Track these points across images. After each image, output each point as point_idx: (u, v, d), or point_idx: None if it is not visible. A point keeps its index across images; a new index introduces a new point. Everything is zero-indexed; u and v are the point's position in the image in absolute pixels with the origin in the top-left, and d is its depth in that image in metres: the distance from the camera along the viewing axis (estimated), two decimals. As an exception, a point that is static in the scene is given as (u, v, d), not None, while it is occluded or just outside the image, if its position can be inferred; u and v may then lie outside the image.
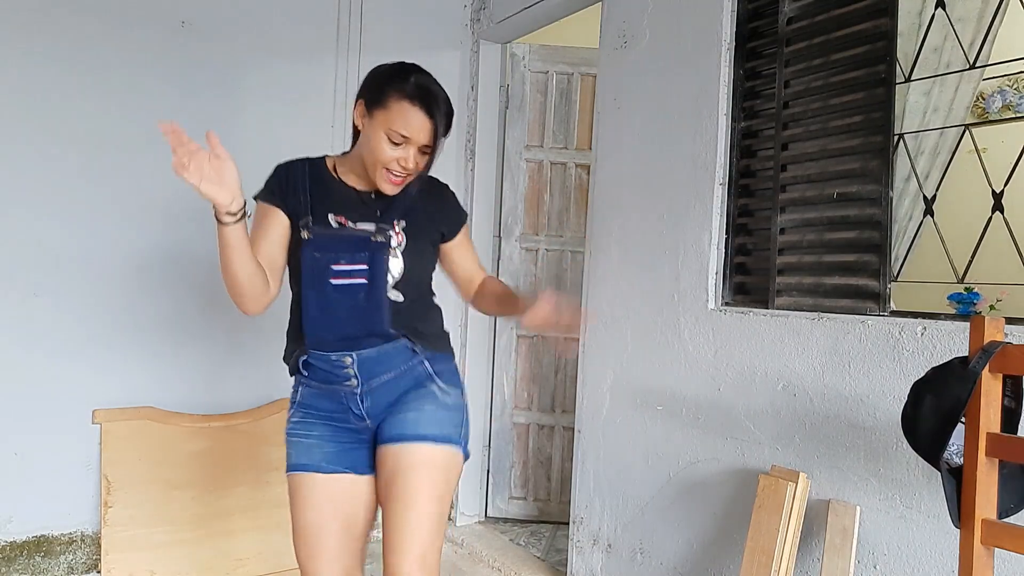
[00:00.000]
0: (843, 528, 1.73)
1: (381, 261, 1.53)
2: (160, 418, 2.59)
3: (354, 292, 1.52)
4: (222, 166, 1.31)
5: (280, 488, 2.71)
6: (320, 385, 1.59)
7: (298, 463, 1.57)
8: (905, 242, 2.34)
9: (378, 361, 1.56)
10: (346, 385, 1.56)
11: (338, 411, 1.58)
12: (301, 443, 1.58)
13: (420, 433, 1.53)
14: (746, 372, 2.00)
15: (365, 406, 1.57)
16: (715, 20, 2.14)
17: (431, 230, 1.65)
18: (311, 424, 1.58)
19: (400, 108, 1.47)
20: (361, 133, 1.56)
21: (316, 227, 1.53)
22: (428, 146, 1.52)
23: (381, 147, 1.49)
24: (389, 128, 1.48)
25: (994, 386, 1.23)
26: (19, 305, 2.41)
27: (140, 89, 2.57)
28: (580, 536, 2.55)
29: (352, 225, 1.55)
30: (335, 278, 1.51)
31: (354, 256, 1.52)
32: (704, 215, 2.15)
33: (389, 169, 1.50)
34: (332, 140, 2.91)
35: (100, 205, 2.52)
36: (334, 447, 1.57)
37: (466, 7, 3.24)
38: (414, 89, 1.48)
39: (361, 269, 1.52)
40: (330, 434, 1.57)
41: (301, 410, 1.60)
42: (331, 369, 1.56)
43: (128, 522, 2.47)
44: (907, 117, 2.38)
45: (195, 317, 2.69)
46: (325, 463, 1.55)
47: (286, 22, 2.83)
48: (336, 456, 1.56)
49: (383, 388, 1.57)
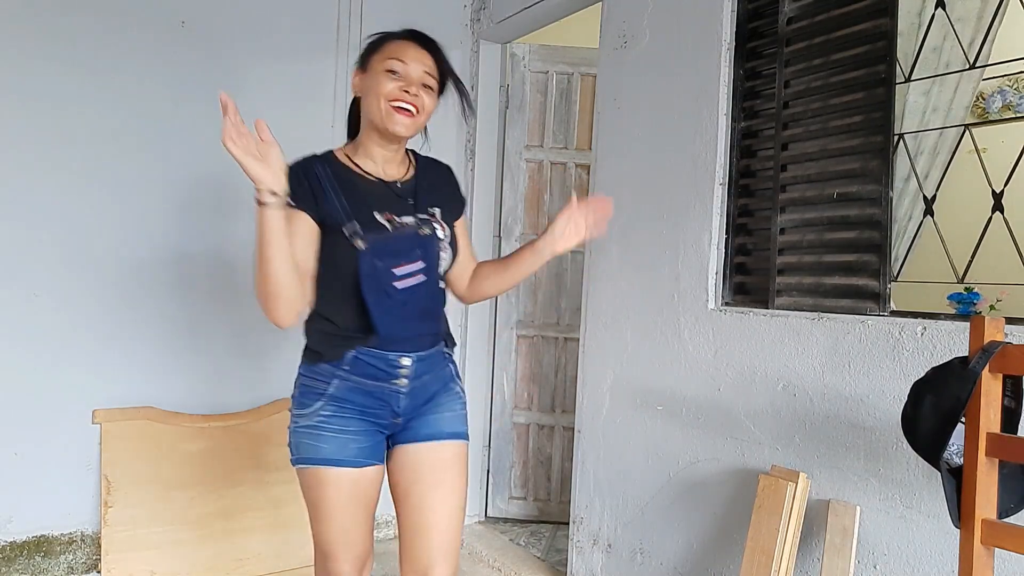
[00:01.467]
0: (843, 528, 1.73)
1: (434, 255, 1.56)
2: (160, 418, 2.59)
3: (416, 291, 1.53)
4: (268, 149, 1.32)
5: (280, 488, 2.73)
6: (362, 380, 1.55)
7: (333, 458, 1.54)
8: (905, 242, 2.34)
9: (428, 363, 1.61)
10: (395, 383, 1.56)
11: (374, 406, 1.57)
12: (337, 438, 1.54)
13: (453, 431, 1.64)
14: (746, 372, 2.00)
15: (403, 404, 1.59)
16: (715, 20, 2.14)
17: (453, 210, 1.66)
18: (347, 418, 1.55)
19: (393, 44, 1.54)
20: (362, 100, 1.57)
21: (369, 234, 1.49)
22: (426, 83, 1.54)
23: (382, 84, 1.51)
24: (386, 61, 1.52)
25: (994, 386, 1.23)
26: (19, 305, 2.41)
27: (140, 89, 2.57)
28: (580, 536, 2.55)
29: (399, 220, 1.54)
30: (398, 281, 1.51)
31: (411, 255, 1.53)
32: (704, 215, 2.15)
33: (395, 102, 1.50)
34: (332, 140, 2.89)
35: (100, 205, 2.52)
36: (367, 441, 1.57)
37: (466, 7, 3.24)
38: (404, 32, 1.57)
39: (419, 268, 1.53)
40: (364, 428, 1.57)
41: (334, 403, 1.55)
42: (385, 368, 1.55)
43: (128, 522, 2.47)
44: (907, 117, 2.38)
45: (195, 317, 2.69)
46: (361, 457, 1.56)
47: (286, 22, 2.83)
48: (369, 450, 1.58)
49: (421, 388, 1.60)
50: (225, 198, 2.72)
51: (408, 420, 1.61)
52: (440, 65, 1.58)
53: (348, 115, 1.70)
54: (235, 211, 2.74)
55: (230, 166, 3.01)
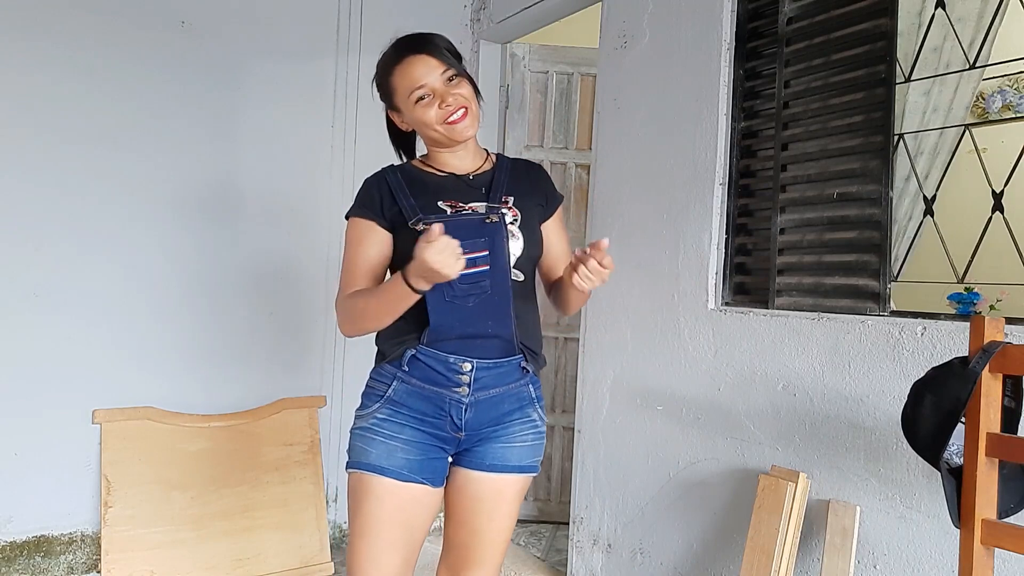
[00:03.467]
0: (843, 528, 1.73)
1: (501, 242, 1.44)
2: (160, 418, 2.59)
3: (477, 280, 1.42)
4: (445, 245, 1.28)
5: (280, 488, 2.73)
6: (422, 385, 1.47)
7: (378, 464, 1.45)
8: (905, 242, 2.34)
9: (497, 375, 1.49)
10: (455, 391, 1.46)
11: (434, 415, 1.47)
12: (386, 444, 1.46)
13: (523, 465, 1.53)
14: (746, 372, 2.00)
15: (466, 417, 1.47)
16: (715, 20, 2.14)
17: (535, 204, 1.57)
18: (401, 425, 1.47)
19: (400, 74, 1.48)
20: (417, 132, 1.57)
21: (429, 219, 1.43)
22: (449, 78, 1.48)
23: (423, 114, 1.47)
24: (409, 95, 1.47)
25: (994, 386, 1.23)
26: (19, 305, 2.41)
27: (140, 89, 2.57)
28: (580, 536, 2.55)
29: (464, 206, 1.49)
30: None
31: (474, 242, 1.40)
32: (704, 215, 2.15)
33: (445, 119, 1.47)
34: (332, 140, 2.91)
35: (100, 205, 2.52)
36: (418, 455, 1.47)
37: (466, 7, 3.24)
38: (394, 51, 1.50)
39: (483, 256, 1.41)
40: (418, 439, 1.47)
41: (391, 406, 1.47)
42: (444, 371, 1.46)
43: (128, 522, 2.47)
44: (907, 117, 2.38)
45: (195, 317, 2.69)
46: (406, 470, 1.46)
47: (286, 22, 2.83)
48: (419, 465, 1.47)
49: (488, 402, 1.49)
50: (224, 198, 2.72)
51: (474, 441, 1.50)
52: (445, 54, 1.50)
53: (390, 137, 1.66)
54: (234, 211, 2.74)
55: (229, 166, 3.03)
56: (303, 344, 2.91)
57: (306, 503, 2.75)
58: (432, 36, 1.52)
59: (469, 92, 1.50)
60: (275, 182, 2.81)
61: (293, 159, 2.85)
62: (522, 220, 1.52)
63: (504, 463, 1.51)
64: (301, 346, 2.91)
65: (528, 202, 1.55)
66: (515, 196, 1.54)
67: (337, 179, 2.93)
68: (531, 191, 1.58)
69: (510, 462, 1.51)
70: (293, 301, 2.88)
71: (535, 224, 1.56)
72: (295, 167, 2.85)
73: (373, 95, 1.60)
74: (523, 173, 1.61)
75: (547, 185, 1.64)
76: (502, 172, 1.57)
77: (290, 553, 2.68)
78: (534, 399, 1.55)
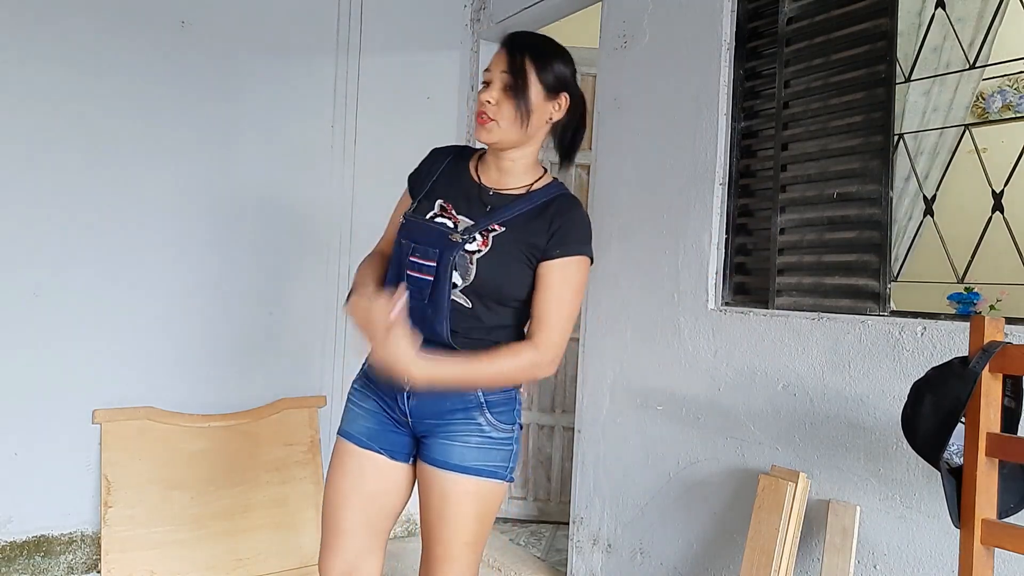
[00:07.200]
0: (843, 528, 1.73)
1: (448, 262, 1.44)
2: (160, 418, 2.59)
3: (421, 287, 1.47)
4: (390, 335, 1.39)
5: (280, 488, 2.74)
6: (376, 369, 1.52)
7: (344, 429, 1.60)
8: (905, 242, 2.34)
9: None
10: (394, 379, 1.49)
11: (387, 396, 1.55)
12: (352, 411, 1.61)
13: (465, 466, 1.49)
14: (746, 372, 2.00)
15: (410, 405, 1.52)
16: (715, 20, 2.14)
17: (524, 245, 1.47)
18: (367, 396, 1.59)
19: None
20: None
21: (416, 213, 1.53)
22: (510, 86, 1.45)
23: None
24: (484, 74, 1.52)
25: (994, 386, 1.23)
26: (19, 305, 2.41)
27: (140, 89, 2.56)
28: (580, 536, 2.55)
29: (454, 214, 1.51)
30: (410, 269, 1.49)
31: (427, 251, 1.47)
32: (704, 215, 2.15)
33: (476, 112, 1.50)
34: (332, 140, 2.91)
35: (100, 205, 2.52)
36: (376, 425, 1.56)
37: (466, 7, 3.24)
38: (501, 37, 1.54)
39: (430, 266, 1.46)
40: (376, 411, 1.57)
41: (363, 380, 1.61)
42: None
43: (128, 522, 2.47)
44: (907, 117, 2.38)
45: (195, 317, 2.69)
46: (365, 438, 1.56)
47: (286, 22, 2.83)
48: (376, 434, 1.56)
49: (431, 396, 1.49)
50: (224, 198, 2.72)
51: (422, 431, 1.53)
52: (517, 59, 1.46)
53: None
54: (234, 211, 2.74)
55: (229, 166, 3.04)
56: (303, 344, 2.91)
57: (306, 503, 2.75)
58: (538, 42, 1.53)
59: (510, 113, 1.45)
60: (275, 182, 2.81)
61: (293, 159, 2.85)
62: (489, 254, 1.46)
63: (445, 459, 1.50)
64: (301, 346, 2.90)
65: (520, 239, 1.47)
66: (509, 229, 1.48)
67: (337, 179, 2.93)
68: (537, 231, 1.48)
69: (451, 460, 1.50)
70: (293, 301, 2.88)
71: (509, 262, 1.46)
72: (295, 167, 2.85)
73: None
74: (546, 212, 1.50)
75: (566, 234, 1.48)
76: (524, 202, 1.51)
77: (290, 553, 2.68)
78: (483, 404, 1.50)
